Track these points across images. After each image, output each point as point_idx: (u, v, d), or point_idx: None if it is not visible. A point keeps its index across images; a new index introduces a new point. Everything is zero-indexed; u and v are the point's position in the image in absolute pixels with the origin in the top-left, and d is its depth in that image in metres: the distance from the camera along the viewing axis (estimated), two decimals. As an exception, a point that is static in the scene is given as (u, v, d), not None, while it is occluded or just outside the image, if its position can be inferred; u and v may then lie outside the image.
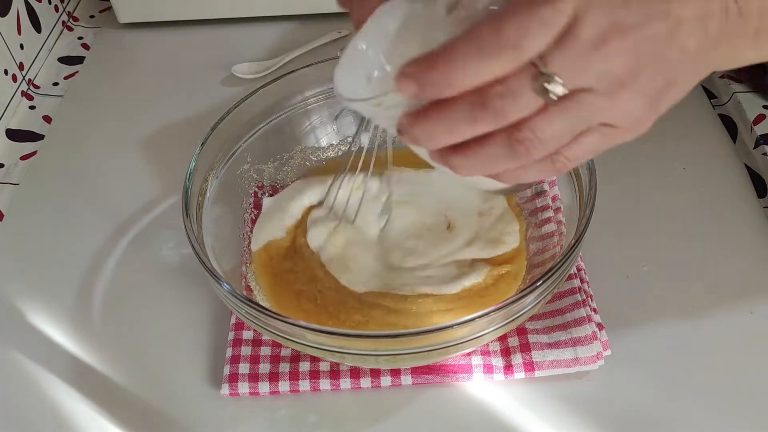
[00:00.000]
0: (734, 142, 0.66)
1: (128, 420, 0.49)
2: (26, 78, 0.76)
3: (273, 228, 0.56)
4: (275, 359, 0.50)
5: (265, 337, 0.51)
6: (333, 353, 0.42)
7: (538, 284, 0.41)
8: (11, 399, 0.51)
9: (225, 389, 0.49)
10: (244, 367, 0.50)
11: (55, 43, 0.82)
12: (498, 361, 0.50)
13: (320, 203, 0.57)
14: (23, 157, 0.69)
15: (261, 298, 0.52)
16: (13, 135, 0.72)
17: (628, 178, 0.62)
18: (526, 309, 0.42)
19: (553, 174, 0.36)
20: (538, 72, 0.31)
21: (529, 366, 0.49)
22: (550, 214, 0.55)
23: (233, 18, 0.83)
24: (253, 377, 0.49)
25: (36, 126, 0.73)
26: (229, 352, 0.51)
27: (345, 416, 0.49)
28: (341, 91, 0.35)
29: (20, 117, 0.73)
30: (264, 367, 0.50)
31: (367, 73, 0.34)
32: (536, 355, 0.49)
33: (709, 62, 0.34)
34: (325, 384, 0.49)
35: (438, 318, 0.49)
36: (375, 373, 0.49)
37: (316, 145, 0.61)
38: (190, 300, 0.56)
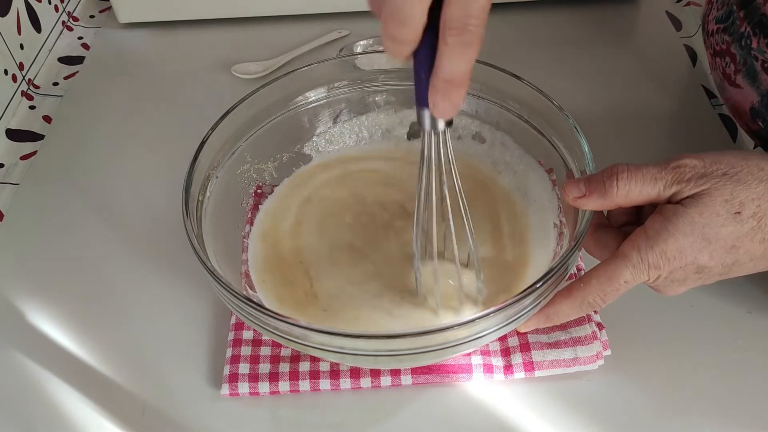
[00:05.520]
0: (734, 141, 0.66)
1: (128, 420, 0.49)
2: (26, 78, 0.76)
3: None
4: (275, 359, 0.50)
5: (265, 337, 0.51)
6: (333, 353, 0.42)
7: (538, 285, 0.41)
8: (11, 399, 0.51)
9: (225, 389, 0.49)
10: (244, 367, 0.50)
11: (55, 43, 0.82)
12: (498, 361, 0.50)
13: None
14: (23, 157, 0.69)
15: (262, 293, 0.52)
16: (13, 135, 0.72)
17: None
18: (527, 310, 0.42)
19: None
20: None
21: (529, 366, 0.49)
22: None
23: (233, 18, 0.83)
24: (253, 377, 0.49)
25: (36, 126, 0.73)
26: (229, 352, 0.51)
27: (345, 416, 0.49)
28: None
29: (20, 117, 0.73)
30: (264, 367, 0.50)
31: None
32: (536, 355, 0.49)
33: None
34: (325, 384, 0.49)
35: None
36: (375, 373, 0.49)
37: (316, 145, 0.61)
38: (190, 300, 0.56)
